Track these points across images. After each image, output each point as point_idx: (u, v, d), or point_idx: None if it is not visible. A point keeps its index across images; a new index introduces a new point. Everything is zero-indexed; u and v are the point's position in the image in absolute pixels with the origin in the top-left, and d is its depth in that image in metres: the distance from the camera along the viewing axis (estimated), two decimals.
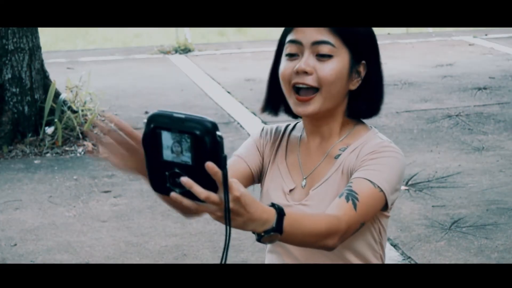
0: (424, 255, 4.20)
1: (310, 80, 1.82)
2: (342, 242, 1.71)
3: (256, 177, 1.98)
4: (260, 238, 1.52)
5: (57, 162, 5.92)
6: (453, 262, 4.09)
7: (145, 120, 1.42)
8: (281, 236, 1.54)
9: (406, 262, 4.13)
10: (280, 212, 1.53)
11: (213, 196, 1.40)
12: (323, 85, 1.82)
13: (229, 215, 1.42)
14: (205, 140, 1.36)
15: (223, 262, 1.47)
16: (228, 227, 1.43)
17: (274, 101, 1.94)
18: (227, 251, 1.45)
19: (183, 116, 1.37)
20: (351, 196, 1.72)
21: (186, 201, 1.41)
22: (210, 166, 1.36)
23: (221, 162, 1.37)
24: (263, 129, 2.03)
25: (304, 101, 1.84)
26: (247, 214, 1.46)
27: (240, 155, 1.98)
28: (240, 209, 1.44)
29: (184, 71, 9.18)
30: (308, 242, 1.65)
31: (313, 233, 1.62)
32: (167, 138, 1.38)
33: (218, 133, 1.37)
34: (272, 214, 1.52)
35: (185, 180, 1.38)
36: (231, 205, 1.42)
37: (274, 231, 1.52)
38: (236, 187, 1.42)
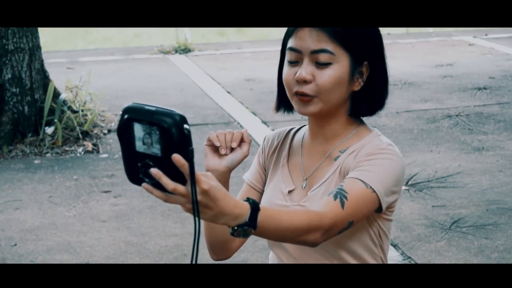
0: (424, 255, 4.20)
1: (308, 90, 1.82)
2: (327, 239, 1.71)
3: None
4: (234, 232, 1.53)
5: (57, 162, 5.92)
6: (453, 262, 4.09)
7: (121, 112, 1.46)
8: (255, 230, 1.54)
9: (406, 262, 4.13)
10: (255, 207, 1.53)
11: (180, 187, 1.42)
12: (321, 92, 1.82)
13: (197, 207, 1.43)
14: (172, 132, 1.39)
15: (193, 262, 1.47)
16: (197, 219, 1.44)
17: (286, 100, 1.94)
18: (198, 246, 1.45)
19: (153, 108, 1.41)
20: (340, 195, 1.72)
21: (157, 192, 1.44)
22: (177, 158, 1.39)
23: (188, 154, 1.40)
24: (264, 139, 2.05)
25: (305, 101, 1.84)
26: (216, 208, 1.47)
27: (249, 182, 2.03)
28: (209, 202, 1.45)
29: (184, 71, 9.18)
30: (287, 237, 1.65)
31: (291, 228, 1.62)
32: (138, 129, 1.42)
33: (185, 126, 1.40)
34: (246, 209, 1.52)
35: (154, 171, 1.41)
36: (199, 197, 1.43)
37: (248, 225, 1.53)
38: (206, 180, 1.44)
